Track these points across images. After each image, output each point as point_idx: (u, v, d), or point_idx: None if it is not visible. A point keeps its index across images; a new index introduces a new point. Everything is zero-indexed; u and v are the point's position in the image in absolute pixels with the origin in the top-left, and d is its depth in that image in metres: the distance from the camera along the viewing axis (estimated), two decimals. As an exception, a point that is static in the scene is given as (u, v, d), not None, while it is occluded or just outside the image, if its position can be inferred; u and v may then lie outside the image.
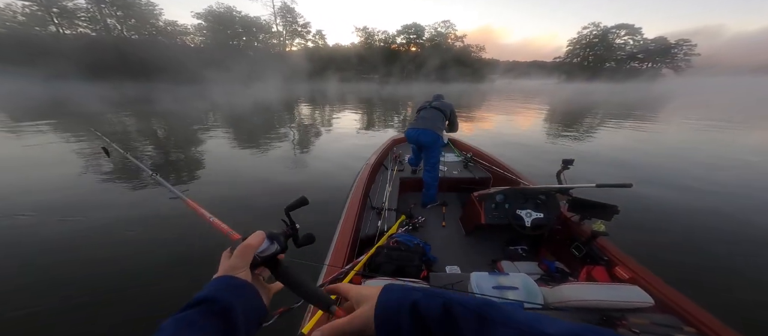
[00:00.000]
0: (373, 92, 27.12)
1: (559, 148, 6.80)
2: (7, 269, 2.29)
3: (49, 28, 31.35)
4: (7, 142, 6.45)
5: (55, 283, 2.15)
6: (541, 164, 5.34)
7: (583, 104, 18.90)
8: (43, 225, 2.90)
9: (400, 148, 3.78)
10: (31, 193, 3.64)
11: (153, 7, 35.50)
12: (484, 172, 3.03)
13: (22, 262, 2.38)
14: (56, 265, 2.35)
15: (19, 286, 2.12)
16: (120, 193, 3.75)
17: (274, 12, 44.46)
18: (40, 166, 4.83)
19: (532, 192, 1.94)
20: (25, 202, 3.39)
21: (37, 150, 5.81)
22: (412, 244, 1.74)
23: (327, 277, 1.30)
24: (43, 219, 3.01)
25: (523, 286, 1.22)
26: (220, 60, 36.13)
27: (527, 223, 1.81)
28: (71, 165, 4.84)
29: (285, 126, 9.17)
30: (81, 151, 5.64)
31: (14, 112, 10.97)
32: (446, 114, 2.63)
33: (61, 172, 4.43)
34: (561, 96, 27.41)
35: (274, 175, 4.62)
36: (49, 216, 3.06)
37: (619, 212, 1.58)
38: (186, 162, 5.40)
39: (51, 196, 3.55)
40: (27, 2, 29.92)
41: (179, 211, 2.80)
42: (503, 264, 1.83)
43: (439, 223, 2.41)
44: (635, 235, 2.82)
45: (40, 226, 2.88)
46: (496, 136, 8.15)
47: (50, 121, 8.91)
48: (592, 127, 9.98)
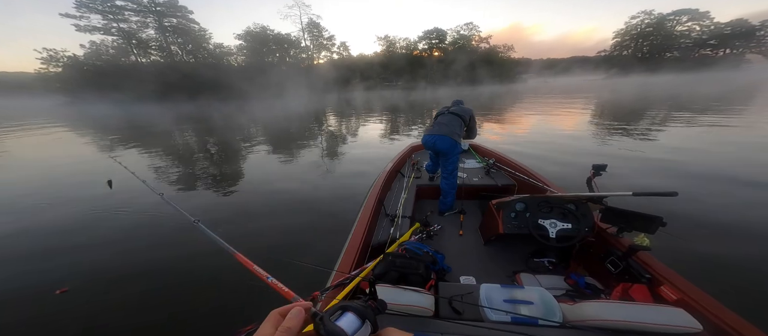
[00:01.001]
0: (397, 99, 27.33)
1: (602, 151, 6.00)
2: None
3: (130, 57, 38.56)
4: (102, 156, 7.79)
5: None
6: (579, 171, 4.66)
7: (641, 99, 16.51)
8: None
9: (419, 154, 3.70)
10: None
11: (204, 32, 41.44)
12: (507, 179, 2.87)
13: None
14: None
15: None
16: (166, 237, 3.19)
17: (302, 28, 48.26)
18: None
19: (557, 200, 1.80)
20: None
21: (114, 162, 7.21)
22: (420, 252, 1.68)
23: (334, 281, 1.32)
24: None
25: (540, 300, 1.14)
26: (258, 76, 40.61)
27: (552, 234, 1.67)
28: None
29: (313, 136, 9.62)
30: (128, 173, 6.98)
31: (107, 130, 13.14)
32: (465, 120, 2.54)
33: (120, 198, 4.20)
34: (610, 92, 24.71)
35: (303, 180, 4.96)
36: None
37: (666, 225, 1.39)
38: (225, 174, 5.78)
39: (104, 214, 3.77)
40: (115, 36, 37.30)
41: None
42: (523, 277, 1.71)
43: (456, 232, 2.30)
44: (682, 254, 2.39)
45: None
46: (526, 140, 7.47)
47: (132, 139, 10.25)
48: (648, 126, 8.61)
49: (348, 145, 8.06)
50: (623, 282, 1.40)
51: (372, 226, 1.95)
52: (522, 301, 1.14)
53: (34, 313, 2.12)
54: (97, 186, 4.91)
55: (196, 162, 6.71)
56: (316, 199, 4.08)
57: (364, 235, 1.71)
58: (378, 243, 1.90)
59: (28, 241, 3.20)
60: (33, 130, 13.96)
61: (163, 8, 38.84)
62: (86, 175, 5.84)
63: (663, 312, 0.99)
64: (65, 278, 2.47)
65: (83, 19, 36.33)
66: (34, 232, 3.41)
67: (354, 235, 1.72)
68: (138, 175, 1.79)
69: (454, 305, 1.23)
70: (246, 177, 5.48)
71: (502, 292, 1.20)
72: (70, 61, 35.40)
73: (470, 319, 1.11)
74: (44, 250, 2.96)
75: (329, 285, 1.28)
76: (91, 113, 23.22)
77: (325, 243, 2.77)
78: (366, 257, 1.70)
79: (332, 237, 2.56)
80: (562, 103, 17.20)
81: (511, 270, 1.85)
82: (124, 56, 38.24)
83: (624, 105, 14.53)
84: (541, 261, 1.88)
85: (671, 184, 4.10)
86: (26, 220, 3.70)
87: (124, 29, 37.55)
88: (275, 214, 3.65)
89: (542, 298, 1.15)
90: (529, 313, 1.09)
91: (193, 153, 7.77)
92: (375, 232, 2.01)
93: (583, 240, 1.69)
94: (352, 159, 6.36)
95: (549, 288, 1.27)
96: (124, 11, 37.51)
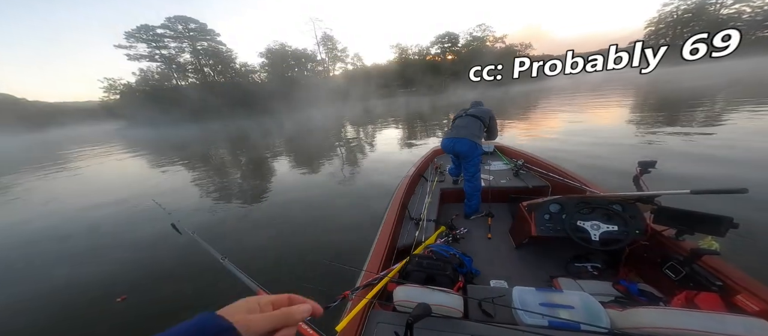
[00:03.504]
0: (416, 105, 27.29)
1: (645, 148, 5.56)
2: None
3: (172, 81, 43.59)
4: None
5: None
6: (620, 169, 4.40)
7: (688, 91, 14.96)
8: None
9: (441, 158, 3.70)
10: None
11: (230, 52, 45.48)
12: (539, 181, 2.80)
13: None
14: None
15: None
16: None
17: (317, 42, 50.80)
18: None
19: (600, 201, 1.70)
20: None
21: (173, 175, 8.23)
22: (447, 254, 1.67)
23: (363, 281, 1.37)
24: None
25: (583, 305, 1.07)
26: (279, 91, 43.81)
27: (594, 237, 1.56)
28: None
29: (333, 147, 10.21)
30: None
31: (160, 149, 15.06)
32: (485, 121, 2.55)
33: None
34: (646, 84, 22.90)
35: (329, 187, 5.40)
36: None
37: (737, 226, 1.24)
38: (256, 184, 6.51)
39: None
40: (158, 62, 42.44)
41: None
42: (561, 281, 1.58)
43: (484, 235, 2.27)
44: (755, 259, 2.18)
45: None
46: (556, 139, 7.13)
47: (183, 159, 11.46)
48: (703, 118, 7.86)
49: (370, 152, 8.57)
50: (687, 289, 1.29)
51: (397, 230, 1.99)
52: (561, 306, 1.10)
53: (95, 316, 2.45)
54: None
55: (243, 173, 8.00)
56: (340, 204, 4.53)
57: (389, 238, 1.75)
58: (403, 246, 1.94)
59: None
60: (96, 151, 16.94)
61: (195, 33, 43.27)
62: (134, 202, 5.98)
63: (740, 322, 0.88)
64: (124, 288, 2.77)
65: (132, 48, 41.86)
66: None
67: (380, 238, 1.77)
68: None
69: (485, 307, 1.22)
70: (279, 185, 6.09)
71: (537, 295, 1.17)
72: (125, 87, 41.11)
73: (503, 322, 1.11)
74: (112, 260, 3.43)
75: (358, 285, 1.32)
76: (148, 136, 26.27)
77: (355, 245, 2.94)
78: (392, 259, 1.74)
79: (361, 241, 2.55)
80: (592, 98, 16.47)
81: (548, 274, 1.76)
82: (167, 80, 43.33)
83: (667, 97, 13.57)
84: (584, 266, 1.75)
85: (733, 179, 3.69)
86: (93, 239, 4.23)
87: (165, 55, 42.56)
88: (309, 218, 4.08)
89: (585, 303, 1.09)
90: (569, 317, 1.03)
91: (241, 165, 9.14)
92: (400, 235, 2.05)
93: (633, 243, 1.57)
94: (374, 166, 6.71)
95: (594, 294, 1.18)
96: (164, 38, 42.47)
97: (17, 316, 2.68)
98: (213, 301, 2.49)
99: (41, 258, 3.79)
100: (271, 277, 2.75)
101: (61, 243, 4.25)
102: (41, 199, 7.09)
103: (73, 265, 3.49)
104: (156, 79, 42.46)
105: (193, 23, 42.93)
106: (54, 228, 4.87)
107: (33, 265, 3.60)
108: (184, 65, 44.05)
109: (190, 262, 3.08)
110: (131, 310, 2.54)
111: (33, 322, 2.56)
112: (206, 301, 2.55)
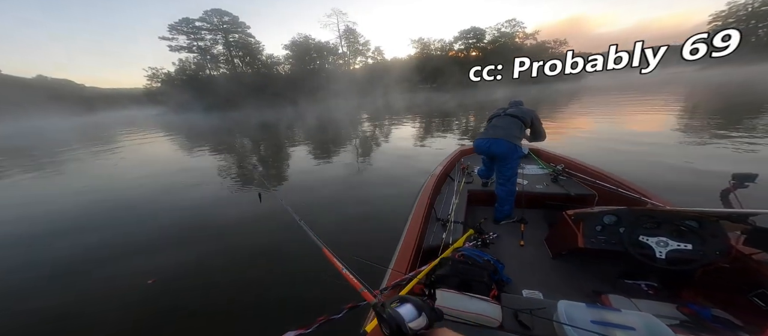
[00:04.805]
0: (432, 102, 27.10)
1: (726, 162, 4.90)
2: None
3: (206, 71, 46.77)
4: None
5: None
6: (691, 181, 4.08)
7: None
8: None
9: (469, 159, 3.63)
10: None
11: (258, 44, 47.69)
12: (583, 188, 2.61)
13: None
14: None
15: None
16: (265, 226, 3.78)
17: (339, 35, 51.41)
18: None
19: (670, 215, 1.51)
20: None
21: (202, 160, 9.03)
22: (480, 260, 1.60)
23: (390, 281, 1.34)
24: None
25: (646, 328, 0.97)
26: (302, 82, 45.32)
27: (660, 255, 1.42)
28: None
29: (350, 141, 10.41)
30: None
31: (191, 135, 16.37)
32: (526, 121, 2.43)
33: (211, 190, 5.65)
34: (710, 86, 20.66)
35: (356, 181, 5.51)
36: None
37: None
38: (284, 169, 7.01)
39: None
40: (195, 53, 45.70)
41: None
42: (612, 299, 1.42)
43: (516, 242, 2.19)
44: None
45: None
46: (601, 145, 6.66)
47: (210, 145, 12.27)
48: None
49: (391, 147, 8.67)
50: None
51: (423, 230, 1.98)
52: (618, 325, 0.99)
53: (128, 300, 2.53)
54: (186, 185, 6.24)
55: (267, 162, 8.48)
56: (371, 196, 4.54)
57: (417, 238, 1.74)
58: (429, 247, 1.91)
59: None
60: (140, 134, 18.60)
61: (228, 25, 45.93)
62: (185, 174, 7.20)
63: None
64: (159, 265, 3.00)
65: (174, 40, 45.44)
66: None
67: (406, 237, 1.75)
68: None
69: (521, 319, 1.16)
70: (306, 177, 6.21)
71: (587, 311, 1.06)
72: (166, 77, 44.88)
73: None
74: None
75: (386, 285, 1.32)
76: (187, 121, 28.11)
77: (378, 242, 2.89)
78: (418, 260, 1.73)
79: (386, 236, 2.47)
80: (646, 100, 15.09)
81: (591, 289, 1.65)
82: (201, 71, 46.59)
83: (745, 101, 12.01)
84: (637, 284, 1.62)
85: None
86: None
87: (201, 47, 45.71)
88: (333, 210, 4.14)
89: (648, 325, 0.98)
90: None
91: (269, 153, 9.75)
92: (426, 236, 2.03)
93: (710, 265, 1.45)
94: (397, 161, 6.78)
95: (655, 316, 1.08)
96: (201, 31, 45.55)
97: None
98: (292, 256, 2.94)
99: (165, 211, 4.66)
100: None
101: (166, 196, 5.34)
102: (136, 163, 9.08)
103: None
104: (192, 69, 45.81)
105: (227, 16, 45.61)
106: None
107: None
108: (216, 56, 47.04)
109: (271, 220, 3.77)
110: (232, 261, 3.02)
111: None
112: (287, 258, 2.95)
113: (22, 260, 3.39)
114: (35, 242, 3.84)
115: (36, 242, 3.83)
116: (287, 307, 2.30)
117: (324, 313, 0.93)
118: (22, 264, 3.30)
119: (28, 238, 4.00)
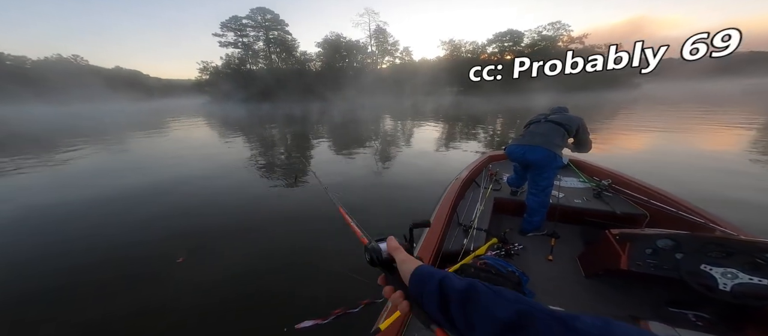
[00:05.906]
0: (463, 105, 27.11)
1: None
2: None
3: (248, 66, 50.37)
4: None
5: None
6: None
7: None
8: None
9: (497, 165, 3.54)
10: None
11: (294, 42, 50.15)
12: (632, 207, 2.43)
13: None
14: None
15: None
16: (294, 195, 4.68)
17: (369, 34, 52.31)
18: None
19: (750, 246, 1.35)
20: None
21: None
22: (504, 270, 1.55)
23: None
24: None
25: None
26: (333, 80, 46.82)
27: (722, 286, 1.31)
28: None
29: (371, 140, 10.58)
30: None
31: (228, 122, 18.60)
32: (570, 130, 2.23)
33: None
34: None
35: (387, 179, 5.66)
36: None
37: None
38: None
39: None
40: (240, 49, 49.44)
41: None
42: (651, 325, 1.33)
43: (544, 257, 2.07)
44: None
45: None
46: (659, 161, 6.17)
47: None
48: None
49: (408, 150, 8.67)
50: None
51: (444, 233, 1.92)
52: None
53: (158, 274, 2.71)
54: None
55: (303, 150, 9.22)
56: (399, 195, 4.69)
57: (438, 241, 1.70)
58: (449, 251, 1.88)
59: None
60: (191, 121, 20.86)
61: (269, 23, 48.98)
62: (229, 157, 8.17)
63: None
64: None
65: (224, 36, 49.55)
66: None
67: (428, 238, 1.71)
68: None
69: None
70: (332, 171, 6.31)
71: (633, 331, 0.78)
72: (214, 70, 49.21)
73: None
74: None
75: None
76: (227, 110, 31.05)
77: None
78: (437, 263, 1.69)
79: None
80: (710, 118, 12.89)
81: (628, 313, 1.56)
82: (243, 65, 50.30)
83: None
84: (684, 313, 1.51)
85: None
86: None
87: (245, 42, 49.31)
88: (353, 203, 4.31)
89: None
90: None
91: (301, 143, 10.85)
92: (446, 239, 1.98)
93: None
94: (426, 161, 6.96)
95: None
96: (247, 28, 49.14)
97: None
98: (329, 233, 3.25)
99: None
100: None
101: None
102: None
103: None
104: (236, 63, 49.64)
105: (269, 14, 48.75)
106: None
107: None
108: (257, 52, 50.42)
109: (310, 207, 4.24)
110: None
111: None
112: (313, 251, 3.09)
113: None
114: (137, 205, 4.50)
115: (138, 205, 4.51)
116: (308, 297, 2.34)
117: (340, 306, 0.98)
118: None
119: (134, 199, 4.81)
